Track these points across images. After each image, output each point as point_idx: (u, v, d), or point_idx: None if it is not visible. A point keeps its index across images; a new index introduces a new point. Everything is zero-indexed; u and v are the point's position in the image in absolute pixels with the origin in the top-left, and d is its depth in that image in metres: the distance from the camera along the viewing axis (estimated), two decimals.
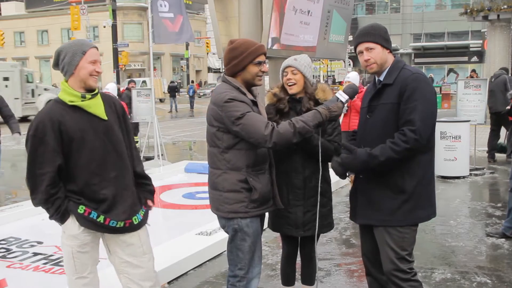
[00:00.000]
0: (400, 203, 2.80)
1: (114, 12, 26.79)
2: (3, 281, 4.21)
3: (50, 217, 2.81)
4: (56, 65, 2.80)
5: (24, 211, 6.45)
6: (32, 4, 53.58)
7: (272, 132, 2.72)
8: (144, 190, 3.00)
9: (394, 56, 2.94)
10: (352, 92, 2.99)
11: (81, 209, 2.75)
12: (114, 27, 26.76)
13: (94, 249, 2.88)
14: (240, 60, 2.88)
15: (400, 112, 2.76)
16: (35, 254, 4.97)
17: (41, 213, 6.51)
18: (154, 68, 40.01)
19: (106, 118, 2.80)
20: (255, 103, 2.93)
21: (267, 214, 3.20)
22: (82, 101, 2.74)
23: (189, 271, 4.48)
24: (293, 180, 3.25)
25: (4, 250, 5.13)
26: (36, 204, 2.76)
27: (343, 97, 2.93)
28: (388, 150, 2.71)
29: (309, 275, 3.56)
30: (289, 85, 3.25)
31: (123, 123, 2.93)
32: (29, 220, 6.23)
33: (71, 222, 2.78)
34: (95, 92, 2.80)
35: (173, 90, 27.73)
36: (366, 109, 2.97)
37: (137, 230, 2.88)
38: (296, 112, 3.23)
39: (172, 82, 30.34)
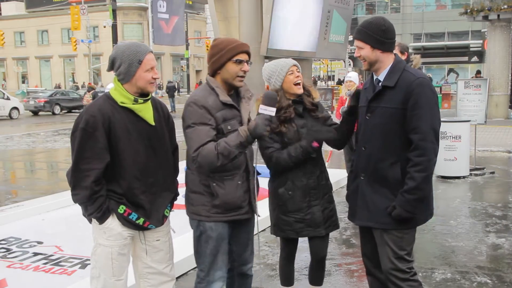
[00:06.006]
0: None
1: (114, 12, 26.81)
2: (3, 281, 4.21)
3: (88, 215, 2.72)
4: (111, 69, 2.74)
5: (24, 211, 6.45)
6: (32, 4, 53.61)
7: (199, 154, 2.65)
8: None
9: (394, 55, 2.91)
10: (271, 100, 2.70)
11: (121, 209, 2.71)
12: (114, 27, 26.78)
13: (129, 252, 2.86)
14: (219, 57, 2.78)
15: (407, 118, 2.74)
16: (35, 254, 4.97)
17: (41, 213, 6.57)
18: None
19: (153, 123, 2.77)
20: (231, 106, 2.80)
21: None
22: (134, 104, 2.69)
23: (189, 271, 4.48)
24: (308, 181, 3.24)
25: (4, 250, 5.13)
26: (76, 200, 2.68)
27: (266, 110, 2.67)
28: (417, 174, 2.70)
29: (319, 276, 3.52)
30: (298, 84, 3.19)
31: (167, 126, 2.90)
32: (29, 220, 6.23)
33: (113, 221, 2.71)
34: (148, 97, 2.75)
35: (171, 90, 27.80)
36: (365, 108, 2.93)
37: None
38: (298, 115, 3.21)
39: (170, 82, 30.37)
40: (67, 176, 2.71)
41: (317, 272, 3.51)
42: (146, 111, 2.75)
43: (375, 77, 2.92)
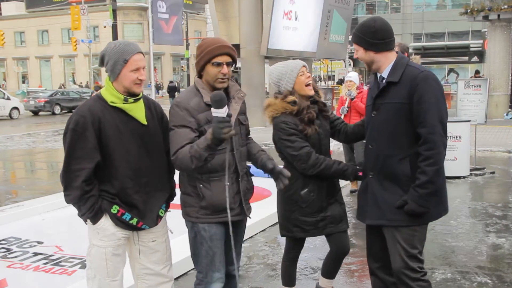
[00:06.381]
0: None
1: (114, 12, 26.80)
2: (3, 281, 4.21)
3: (81, 215, 2.73)
4: (101, 65, 2.75)
5: (24, 211, 6.45)
6: (32, 4, 53.61)
7: (176, 157, 2.66)
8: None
9: (396, 53, 2.91)
10: (217, 103, 2.50)
11: (114, 209, 2.70)
12: (114, 27, 26.74)
13: (124, 252, 2.85)
14: (199, 59, 2.79)
15: (414, 113, 2.74)
16: (36, 254, 4.97)
17: (41, 213, 6.57)
18: (155, 69, 40.03)
19: (145, 123, 2.76)
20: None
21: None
22: (124, 103, 2.69)
23: (189, 271, 4.48)
24: (327, 179, 3.25)
25: (5, 250, 5.13)
26: (69, 201, 2.68)
27: (217, 113, 2.52)
28: (428, 168, 2.70)
29: (335, 270, 3.52)
30: (309, 85, 3.19)
31: (160, 126, 2.87)
32: (29, 220, 6.24)
33: (106, 221, 2.71)
34: (138, 96, 2.74)
35: (172, 90, 27.84)
36: (370, 107, 2.93)
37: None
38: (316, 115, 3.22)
39: (171, 82, 30.43)
40: (60, 177, 2.71)
41: (335, 266, 3.51)
42: (137, 111, 2.74)
43: (378, 75, 2.92)
